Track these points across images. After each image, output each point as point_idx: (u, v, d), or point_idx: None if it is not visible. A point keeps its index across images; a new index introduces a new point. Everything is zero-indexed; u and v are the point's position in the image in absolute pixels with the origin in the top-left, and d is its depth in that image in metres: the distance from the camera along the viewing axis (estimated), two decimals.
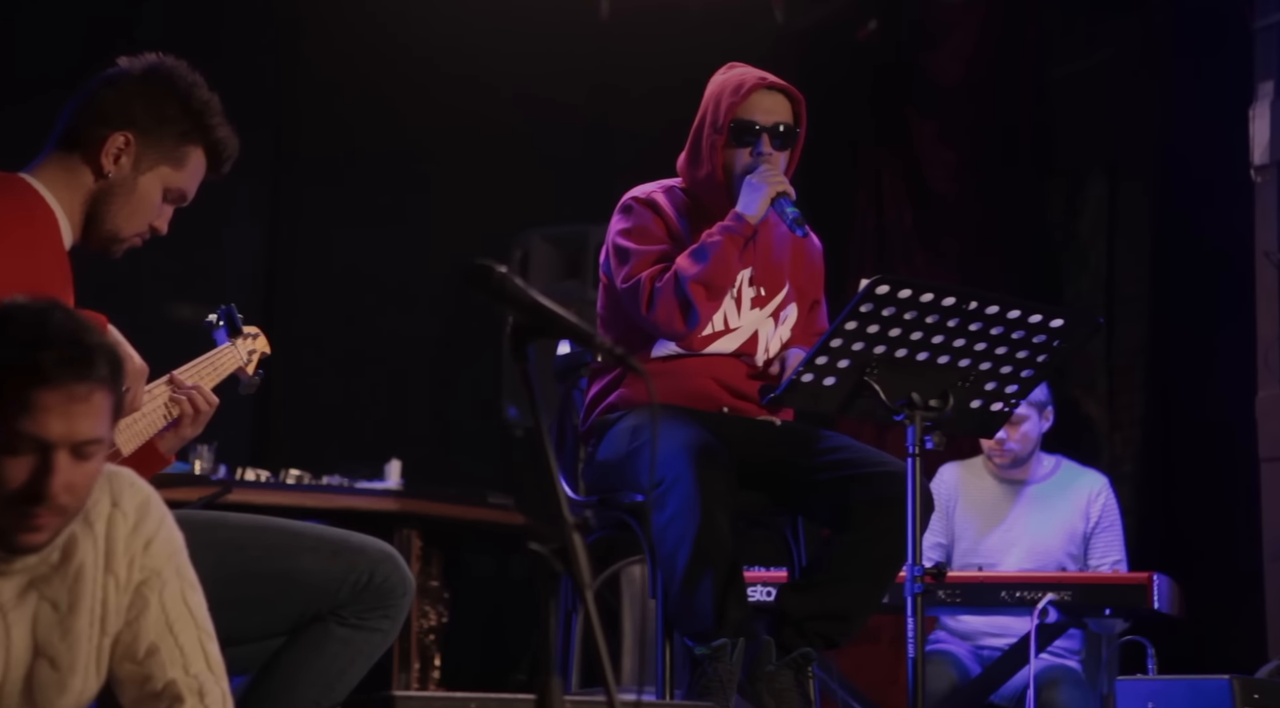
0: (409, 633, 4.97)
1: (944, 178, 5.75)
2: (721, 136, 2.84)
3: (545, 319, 1.58)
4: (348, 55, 5.47)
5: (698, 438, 2.61)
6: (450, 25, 5.51)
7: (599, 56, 5.85)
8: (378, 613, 2.06)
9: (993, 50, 5.61)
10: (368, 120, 5.53)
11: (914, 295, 2.46)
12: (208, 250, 5.24)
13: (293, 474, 4.78)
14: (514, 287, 1.59)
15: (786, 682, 2.71)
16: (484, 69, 5.54)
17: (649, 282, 2.74)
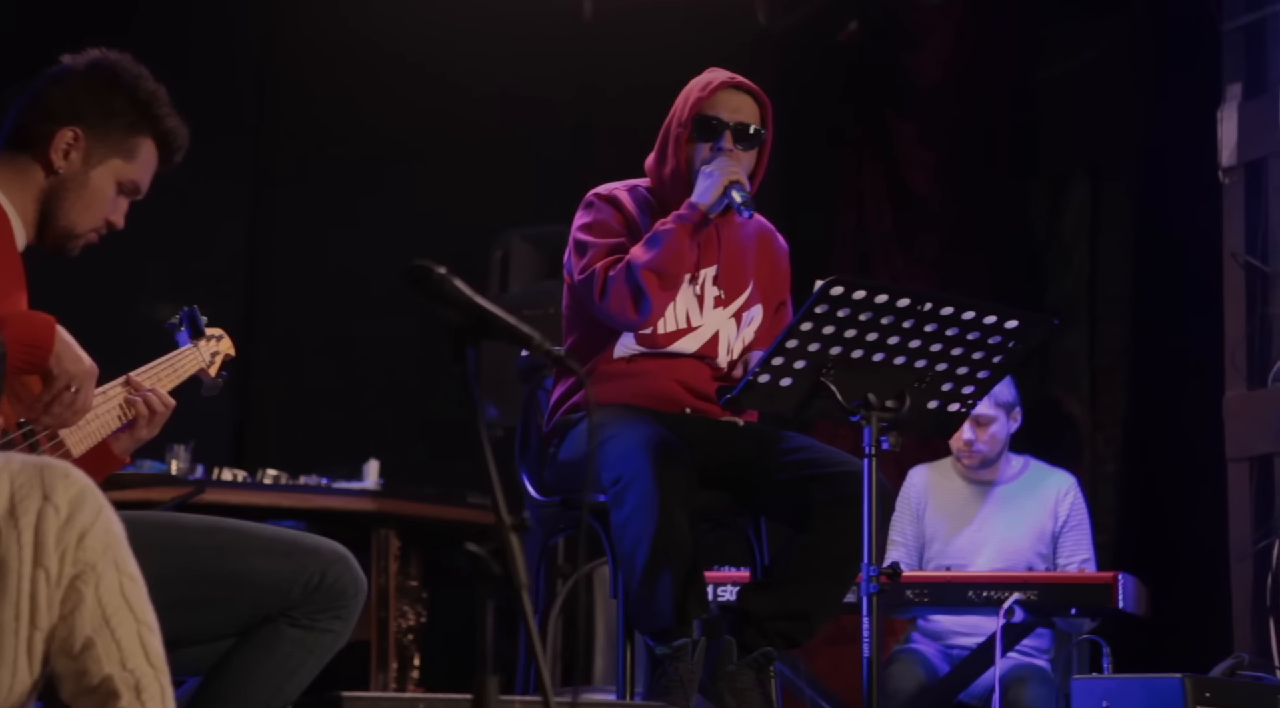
0: (387, 633, 4.98)
1: (923, 179, 5.77)
2: (685, 131, 2.87)
3: (484, 320, 1.60)
4: (328, 56, 5.48)
5: (656, 435, 2.63)
6: (432, 26, 5.52)
7: (582, 57, 5.86)
8: (329, 614, 2.07)
9: (970, 52, 5.64)
10: (349, 121, 5.53)
11: (868, 296, 2.47)
12: (188, 251, 5.26)
13: (270, 474, 4.79)
14: (452, 287, 1.60)
15: (748, 681, 2.73)
16: (466, 69, 5.55)
17: (603, 271, 2.76)
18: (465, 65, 5.52)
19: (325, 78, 5.48)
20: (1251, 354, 3.80)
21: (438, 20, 5.49)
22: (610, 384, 2.86)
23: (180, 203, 5.30)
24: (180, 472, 4.65)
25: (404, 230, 5.62)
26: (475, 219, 5.59)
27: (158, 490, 4.40)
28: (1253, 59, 3.89)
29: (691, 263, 2.82)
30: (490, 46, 5.53)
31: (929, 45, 5.70)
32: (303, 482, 4.85)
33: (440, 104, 5.52)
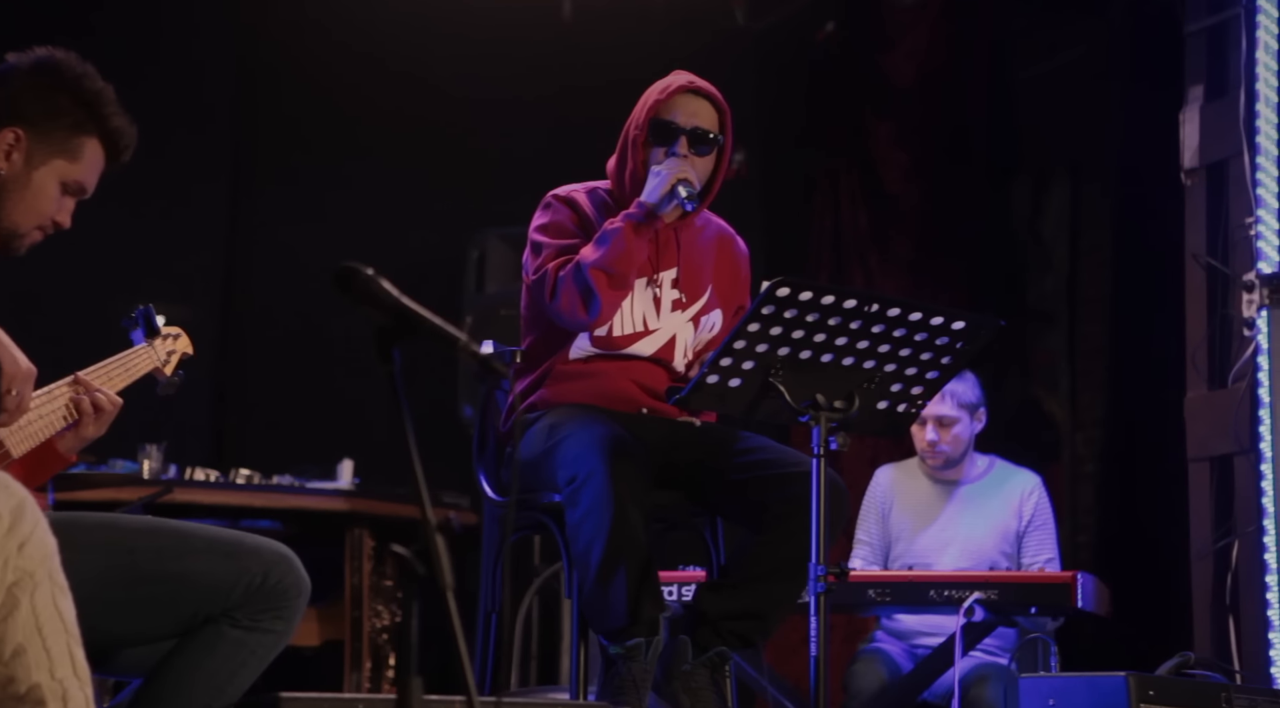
0: (361, 633, 4.99)
1: (897, 179, 5.79)
2: (642, 134, 2.88)
3: (410, 321, 1.61)
4: (306, 57, 5.49)
5: (611, 435, 2.64)
6: (410, 27, 5.53)
7: (561, 57, 5.87)
8: (271, 615, 2.08)
9: (945, 52, 5.66)
10: (326, 122, 5.54)
11: (815, 298, 2.49)
12: (165, 251, 5.27)
13: (242, 474, 4.80)
14: (379, 289, 1.62)
15: (702, 681, 2.74)
16: (445, 70, 5.56)
17: (554, 271, 2.78)
18: (444, 66, 5.54)
19: (303, 79, 5.49)
20: (1212, 355, 3.82)
21: (416, 21, 5.51)
22: (567, 384, 2.88)
23: (157, 203, 5.34)
24: (153, 472, 4.66)
25: (381, 230, 5.64)
26: (452, 219, 5.60)
27: (128, 490, 4.41)
28: (1214, 61, 3.91)
29: (641, 262, 2.83)
30: (470, 47, 5.55)
31: (903, 45, 5.72)
32: (276, 482, 4.86)
33: (418, 104, 5.53)
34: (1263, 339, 3.57)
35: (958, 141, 5.66)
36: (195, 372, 5.42)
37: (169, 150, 5.34)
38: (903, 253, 5.73)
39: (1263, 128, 3.63)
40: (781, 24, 6.02)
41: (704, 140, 2.89)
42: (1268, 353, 3.54)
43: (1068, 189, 5.75)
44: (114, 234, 5.09)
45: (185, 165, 5.39)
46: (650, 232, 2.82)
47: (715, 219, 3.07)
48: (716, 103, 2.94)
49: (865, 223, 5.84)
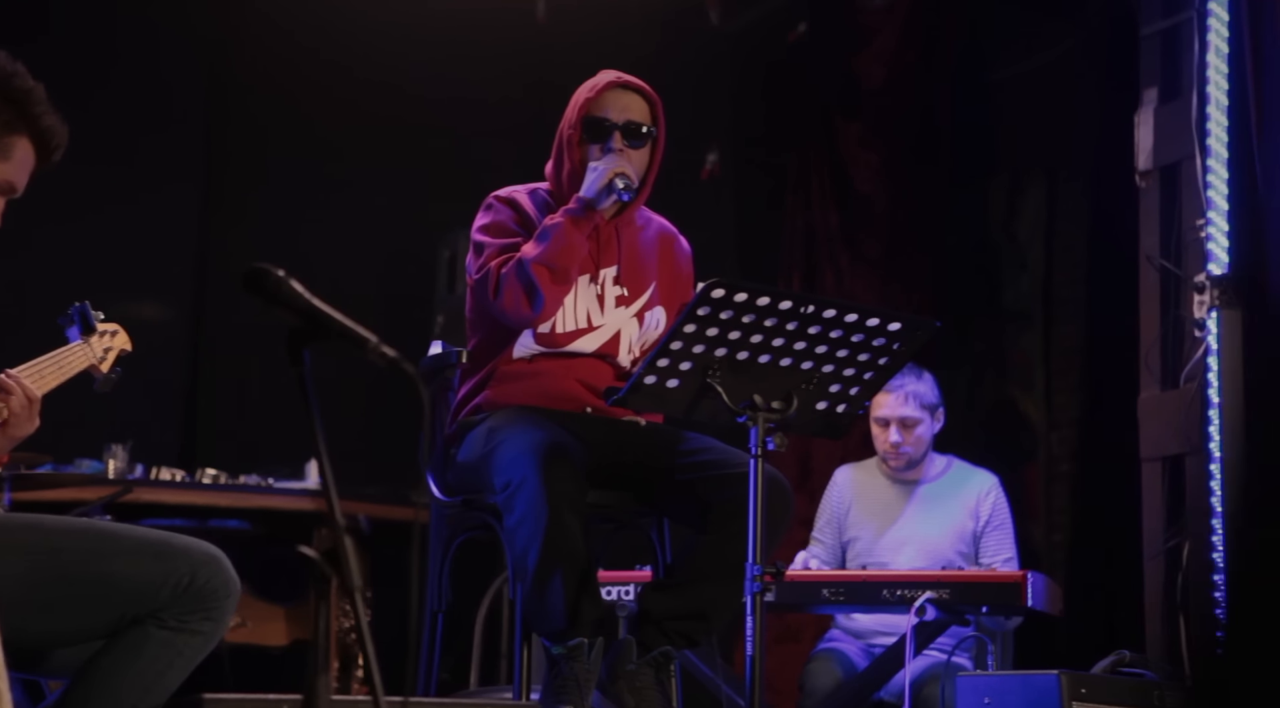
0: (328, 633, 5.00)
1: (867, 179, 5.81)
2: (576, 133, 2.90)
3: (321, 323, 1.63)
4: (277, 56, 5.50)
5: (545, 439, 2.65)
6: (383, 26, 5.54)
7: (534, 57, 5.89)
8: (198, 616, 2.08)
9: (914, 53, 5.67)
10: (297, 121, 5.56)
11: (750, 299, 2.50)
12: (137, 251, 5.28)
13: (209, 473, 4.81)
14: (290, 290, 1.64)
15: (647, 681, 2.76)
16: (418, 70, 5.58)
17: (496, 269, 2.80)
18: (417, 67, 5.55)
19: (274, 80, 5.51)
20: (1165, 356, 3.85)
21: (389, 21, 5.52)
22: (510, 385, 2.89)
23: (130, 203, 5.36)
24: (118, 472, 4.67)
25: (352, 231, 5.65)
26: (424, 219, 5.62)
27: (91, 490, 4.43)
28: (1168, 64, 3.93)
29: (582, 255, 2.85)
30: (443, 47, 5.56)
31: (872, 46, 5.74)
32: (243, 481, 4.87)
33: (390, 104, 5.55)
34: (1212, 340, 3.59)
35: (926, 142, 5.68)
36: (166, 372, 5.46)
37: (140, 151, 5.36)
38: (872, 253, 5.75)
39: (1213, 130, 3.65)
40: (755, 24, 6.05)
41: (638, 134, 2.91)
42: (1217, 354, 3.56)
43: (1043, 190, 5.76)
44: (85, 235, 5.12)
45: (157, 166, 5.40)
46: (590, 226, 2.84)
47: (657, 217, 3.09)
48: (647, 96, 2.96)
49: (836, 223, 5.86)
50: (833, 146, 5.85)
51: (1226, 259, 3.61)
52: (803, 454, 5.61)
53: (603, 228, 2.92)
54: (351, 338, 1.61)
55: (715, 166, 6.15)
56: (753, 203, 6.15)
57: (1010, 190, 5.84)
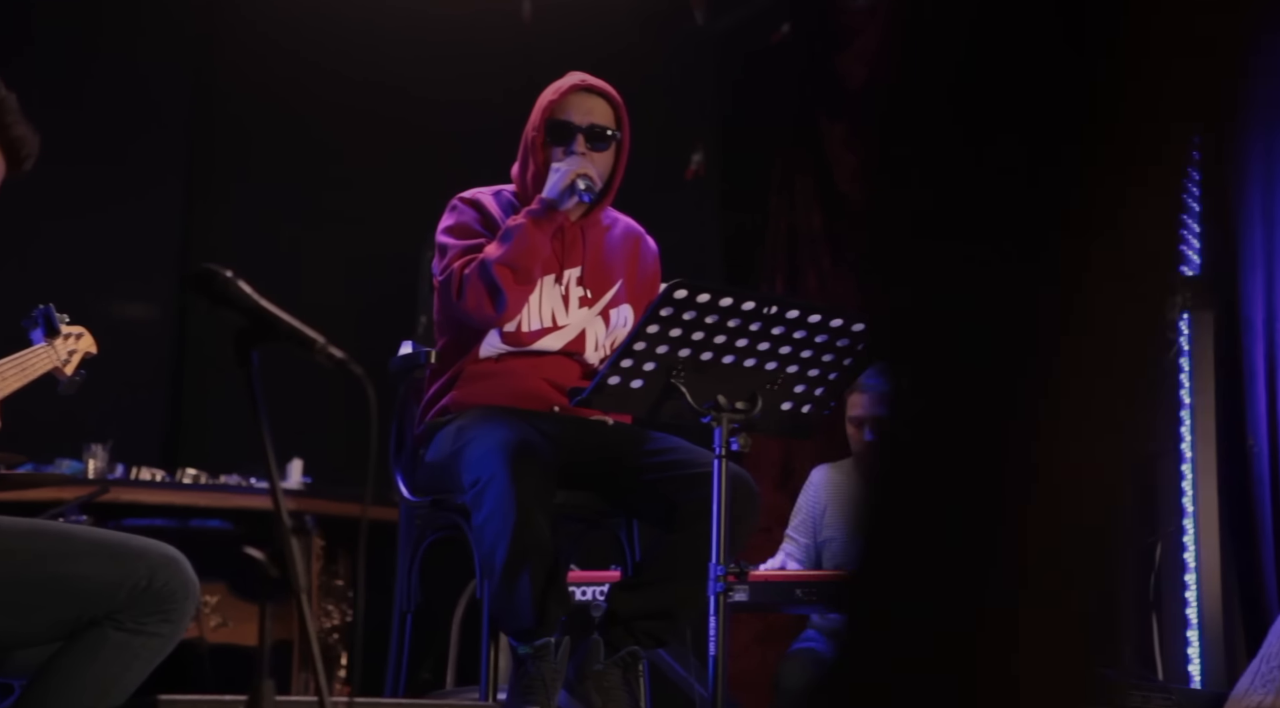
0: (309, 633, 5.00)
1: (851, 180, 5.82)
2: (540, 135, 2.92)
3: (268, 323, 1.63)
4: (260, 58, 5.50)
5: (513, 436, 2.66)
6: (368, 28, 5.55)
7: (520, 58, 5.89)
8: (157, 618, 2.08)
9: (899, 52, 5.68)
10: (283, 122, 5.56)
11: (713, 299, 2.51)
12: (121, 252, 5.28)
13: (189, 473, 4.82)
14: (237, 291, 1.64)
15: (614, 681, 2.77)
16: (404, 72, 5.57)
17: (459, 270, 2.81)
18: (401, 67, 5.55)
19: (257, 80, 5.51)
20: None
21: (373, 22, 5.52)
22: (477, 385, 2.90)
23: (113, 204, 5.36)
24: (98, 472, 4.67)
25: (336, 231, 5.66)
26: (409, 222, 5.61)
27: (70, 490, 4.43)
28: None
29: (545, 256, 2.86)
30: (428, 48, 5.56)
31: (854, 46, 5.75)
32: (223, 481, 4.88)
33: (376, 106, 5.55)
34: (1184, 341, 3.60)
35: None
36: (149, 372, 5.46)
37: (123, 152, 5.36)
38: (855, 255, 5.76)
39: None
40: (740, 24, 6.06)
41: (601, 137, 2.92)
42: (1189, 355, 3.57)
43: None
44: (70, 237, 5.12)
45: (141, 167, 5.41)
46: (552, 227, 2.85)
47: (623, 217, 3.10)
48: (611, 99, 2.97)
49: (819, 224, 5.86)
50: (816, 147, 5.86)
51: (1198, 261, 3.62)
52: (784, 455, 5.62)
53: (568, 229, 2.93)
54: (299, 339, 1.62)
55: (700, 166, 6.16)
56: (738, 203, 6.16)
57: None
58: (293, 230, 5.61)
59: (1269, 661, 2.69)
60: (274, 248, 5.57)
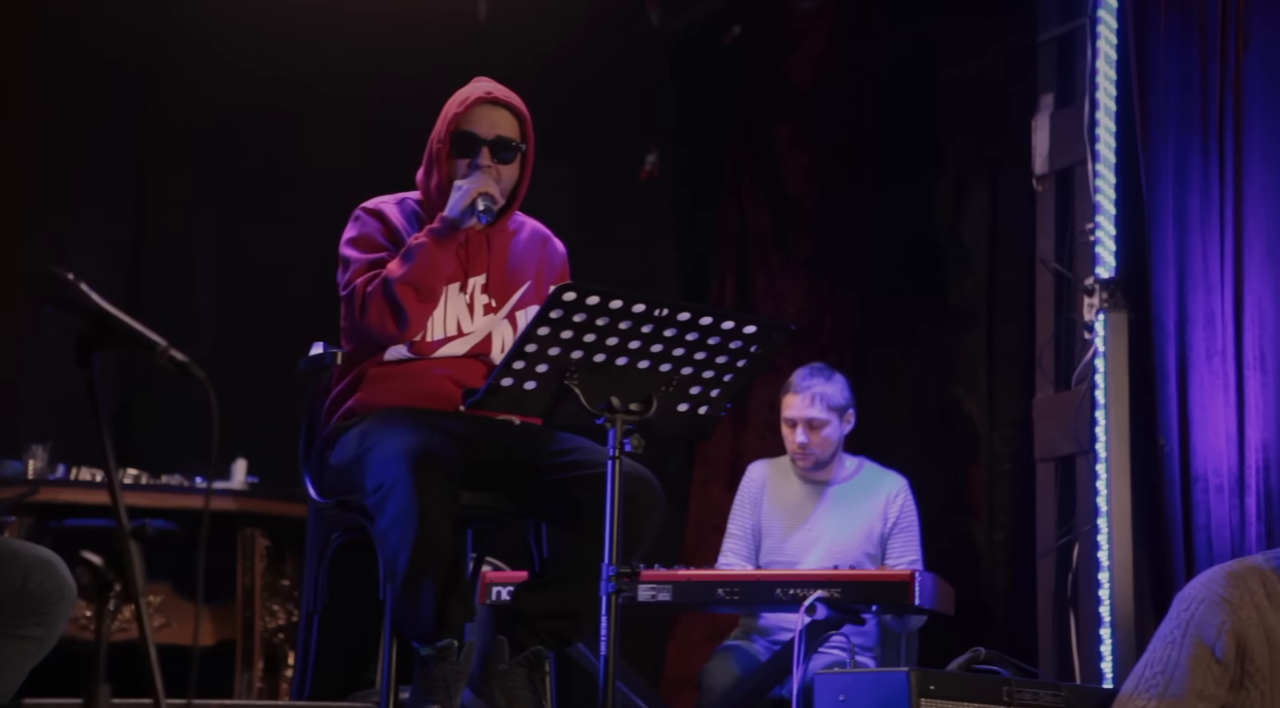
0: (253, 633, 5.01)
1: (798, 180, 5.84)
2: (445, 147, 2.93)
3: (110, 326, 1.65)
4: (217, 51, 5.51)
5: (417, 441, 2.67)
6: (325, 27, 5.56)
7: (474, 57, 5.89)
8: (30, 621, 2.08)
9: (842, 54, 5.71)
10: (239, 120, 5.56)
11: (602, 302, 2.52)
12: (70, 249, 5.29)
13: (130, 473, 4.82)
14: (78, 293, 1.65)
15: (519, 681, 2.78)
16: (359, 72, 5.58)
17: (362, 287, 2.82)
18: (357, 66, 5.56)
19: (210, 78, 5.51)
20: (1059, 358, 3.88)
21: (327, 22, 5.53)
22: (383, 386, 2.91)
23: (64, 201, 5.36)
24: (38, 472, 4.68)
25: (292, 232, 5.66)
26: None
27: (6, 490, 4.44)
28: (1064, 69, 3.97)
29: (447, 274, 2.87)
30: (383, 48, 5.57)
31: (802, 48, 5.78)
32: (164, 481, 4.88)
33: (331, 105, 5.55)
34: (1100, 342, 3.62)
35: (855, 143, 5.72)
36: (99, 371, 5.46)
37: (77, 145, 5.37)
38: (802, 254, 5.79)
39: (1102, 136, 3.69)
40: (695, 26, 6.08)
41: (506, 148, 2.94)
42: (1104, 356, 3.60)
43: (987, 190, 5.80)
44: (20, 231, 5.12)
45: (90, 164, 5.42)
46: (454, 245, 2.87)
47: (530, 221, 3.12)
48: (516, 110, 2.99)
49: (768, 225, 5.89)
50: (765, 148, 5.89)
51: (1114, 263, 3.65)
52: (733, 455, 5.65)
53: (473, 236, 2.95)
54: (140, 342, 1.63)
55: (655, 167, 6.18)
56: (691, 203, 6.19)
57: (955, 191, 5.88)
58: (247, 230, 5.62)
59: (1152, 666, 2.71)
60: (227, 247, 5.58)
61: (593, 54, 5.99)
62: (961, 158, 5.84)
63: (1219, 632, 2.66)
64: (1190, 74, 3.43)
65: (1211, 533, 3.32)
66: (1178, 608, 2.75)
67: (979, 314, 5.81)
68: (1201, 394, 3.38)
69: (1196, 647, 2.66)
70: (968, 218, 5.94)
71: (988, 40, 5.57)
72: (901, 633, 3.90)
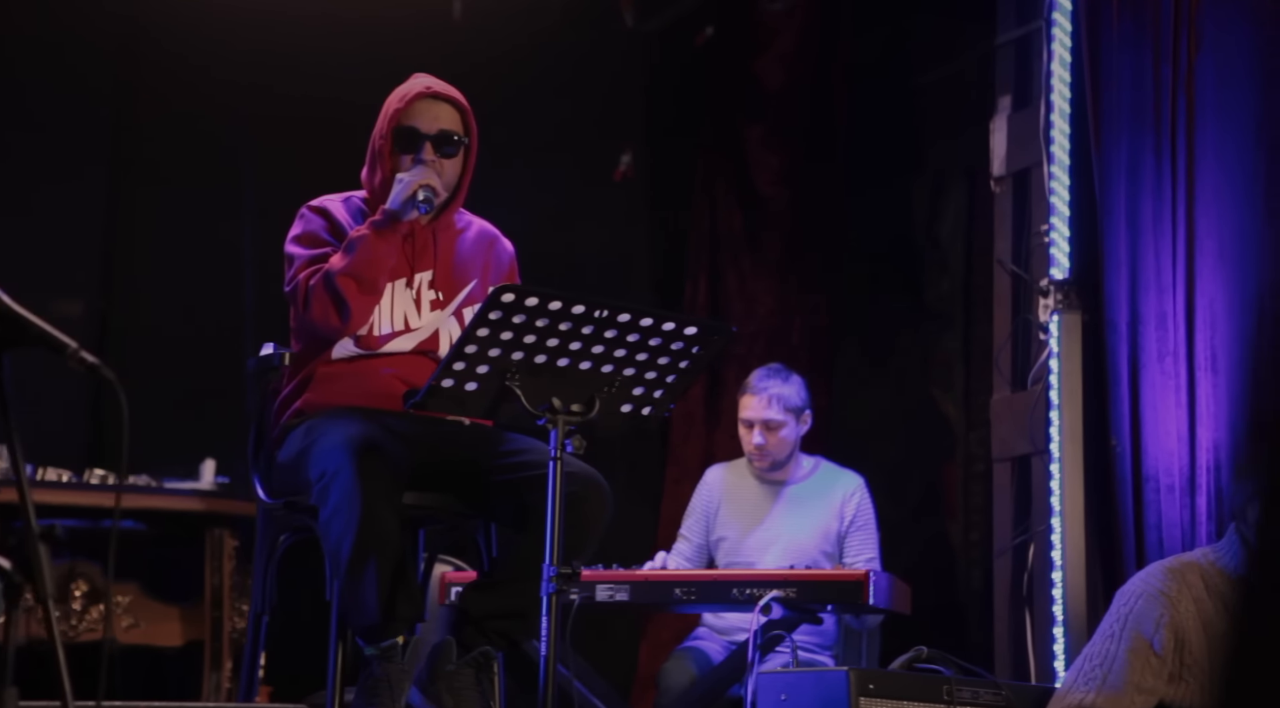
0: (221, 633, 5.01)
1: (769, 181, 5.85)
2: (387, 143, 2.94)
3: (20, 327, 1.65)
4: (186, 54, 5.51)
5: (361, 433, 2.68)
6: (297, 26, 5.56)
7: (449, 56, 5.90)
8: None
9: (812, 55, 5.72)
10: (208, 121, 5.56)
11: (541, 303, 2.53)
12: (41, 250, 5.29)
13: (97, 474, 4.82)
14: None
15: (466, 681, 2.78)
16: (333, 72, 5.58)
17: (304, 282, 2.83)
18: (332, 68, 5.56)
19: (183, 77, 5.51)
20: (1016, 358, 3.89)
21: (302, 20, 5.53)
22: (330, 385, 2.92)
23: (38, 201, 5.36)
24: (2, 472, 4.68)
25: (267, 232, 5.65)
26: None
27: None
28: (1021, 72, 3.98)
29: (390, 266, 2.88)
30: (358, 48, 5.57)
31: (773, 49, 5.79)
32: (131, 481, 4.88)
33: (303, 106, 5.56)
34: (1054, 343, 3.63)
35: (824, 144, 5.72)
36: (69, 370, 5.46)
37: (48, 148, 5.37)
38: (773, 255, 5.79)
39: (1057, 138, 3.70)
40: (669, 26, 6.09)
41: (449, 142, 2.95)
42: (1058, 356, 3.60)
43: (964, 191, 5.81)
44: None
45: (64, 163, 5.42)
46: (396, 236, 2.88)
47: (478, 220, 3.13)
48: (458, 104, 2.99)
49: (739, 225, 5.90)
50: (736, 149, 5.90)
51: (1068, 264, 3.66)
52: (706, 455, 5.66)
53: (419, 233, 2.96)
54: (50, 343, 1.64)
55: (629, 168, 6.19)
56: (665, 203, 6.20)
57: (933, 192, 5.89)
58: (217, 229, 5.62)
59: (1091, 659, 2.73)
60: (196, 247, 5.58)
61: (568, 54, 6.00)
62: (940, 159, 5.85)
63: (1157, 625, 2.69)
64: (1143, 76, 3.44)
65: (1163, 532, 3.33)
66: (1117, 603, 2.77)
67: (956, 315, 5.81)
68: (1153, 395, 3.39)
69: (1135, 640, 2.68)
70: (945, 219, 5.95)
71: (967, 42, 5.59)
72: (862, 631, 3.91)
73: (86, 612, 4.98)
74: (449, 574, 3.84)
